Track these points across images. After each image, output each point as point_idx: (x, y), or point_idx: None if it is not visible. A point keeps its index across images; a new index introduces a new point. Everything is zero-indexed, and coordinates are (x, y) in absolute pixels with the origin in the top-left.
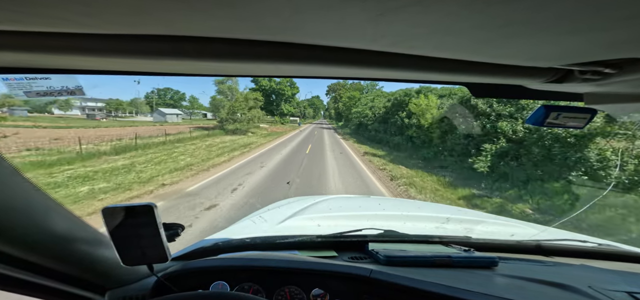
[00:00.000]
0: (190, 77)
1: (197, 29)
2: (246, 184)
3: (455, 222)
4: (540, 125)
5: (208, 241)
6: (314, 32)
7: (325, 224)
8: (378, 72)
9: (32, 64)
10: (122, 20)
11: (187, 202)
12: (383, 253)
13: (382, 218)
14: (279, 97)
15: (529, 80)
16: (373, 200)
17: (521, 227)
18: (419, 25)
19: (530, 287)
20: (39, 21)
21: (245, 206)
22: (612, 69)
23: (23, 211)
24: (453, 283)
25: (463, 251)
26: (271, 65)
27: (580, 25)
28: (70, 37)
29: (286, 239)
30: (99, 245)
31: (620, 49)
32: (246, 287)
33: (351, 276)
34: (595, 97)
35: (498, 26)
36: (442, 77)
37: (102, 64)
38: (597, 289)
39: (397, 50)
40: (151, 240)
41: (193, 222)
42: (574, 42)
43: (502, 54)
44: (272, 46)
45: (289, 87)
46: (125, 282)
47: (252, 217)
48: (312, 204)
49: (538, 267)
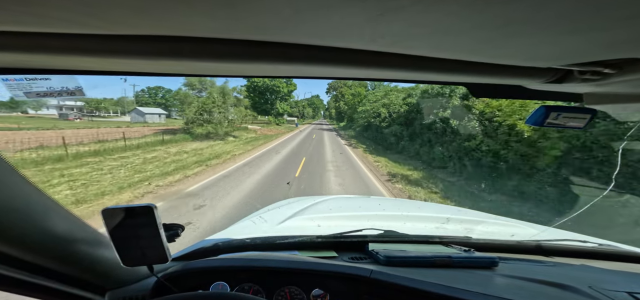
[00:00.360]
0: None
1: (197, 29)
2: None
3: (456, 222)
4: (540, 126)
5: (208, 241)
6: (314, 32)
7: (325, 224)
8: (377, 72)
9: (31, 65)
10: (122, 21)
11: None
12: (383, 253)
13: (382, 218)
14: (274, 95)
15: (528, 80)
16: (373, 200)
17: (521, 227)
18: (418, 25)
19: (530, 287)
20: (38, 22)
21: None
22: (612, 69)
23: (23, 211)
24: (453, 283)
25: (463, 251)
26: (271, 66)
27: (580, 26)
28: (70, 37)
29: (286, 240)
30: (99, 246)
31: (620, 49)
32: (246, 287)
33: (351, 276)
34: (594, 97)
35: (497, 26)
36: (441, 77)
37: (102, 64)
38: (598, 289)
39: (396, 50)
40: (151, 240)
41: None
42: (573, 43)
43: (502, 54)
44: (271, 46)
45: (284, 84)
46: (125, 282)
47: (252, 217)
48: (312, 204)
49: (538, 267)
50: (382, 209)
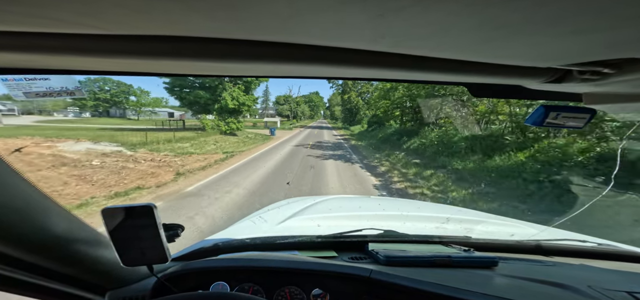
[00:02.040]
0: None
1: (196, 29)
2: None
3: (455, 222)
4: (540, 125)
5: (208, 242)
6: (314, 32)
7: (325, 224)
8: (377, 72)
9: (31, 65)
10: (122, 21)
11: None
12: (383, 253)
13: (382, 218)
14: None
15: (528, 80)
16: (373, 200)
17: (521, 227)
18: (418, 25)
19: (530, 287)
20: (37, 22)
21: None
22: (611, 69)
23: (22, 212)
24: (453, 283)
25: (463, 251)
26: (271, 66)
27: (579, 26)
28: (69, 37)
29: (286, 239)
30: (99, 246)
31: (619, 49)
32: (246, 287)
33: (351, 276)
34: (594, 97)
35: (497, 26)
36: (441, 77)
37: (102, 64)
38: (597, 289)
39: (396, 50)
40: (151, 240)
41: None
42: (573, 43)
43: (502, 54)
44: (271, 46)
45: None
46: (125, 282)
47: (252, 217)
48: (312, 204)
49: (538, 267)
50: (382, 209)
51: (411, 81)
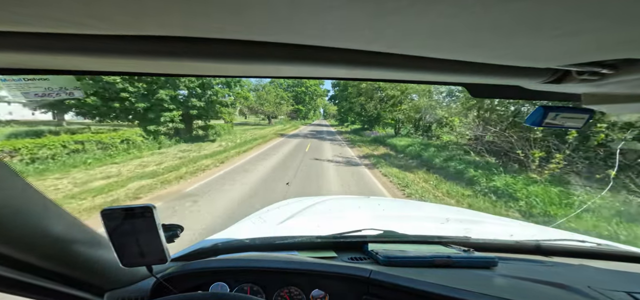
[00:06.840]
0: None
1: (196, 30)
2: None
3: (455, 223)
4: (539, 126)
5: (207, 242)
6: (312, 33)
7: (324, 224)
8: (376, 72)
9: (29, 65)
10: (121, 21)
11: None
12: (383, 253)
13: (382, 218)
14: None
15: (527, 80)
16: (373, 200)
17: (520, 227)
18: (417, 26)
19: (529, 287)
20: (36, 22)
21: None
22: (610, 69)
23: (22, 212)
24: (453, 283)
25: (462, 251)
26: (271, 66)
27: (579, 26)
28: (69, 37)
29: (286, 240)
30: (98, 247)
31: (618, 50)
32: (246, 288)
33: (351, 277)
34: (592, 98)
35: (496, 27)
36: (440, 77)
37: (102, 64)
38: (597, 289)
39: (395, 51)
40: (150, 241)
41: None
42: (571, 43)
43: (501, 55)
44: (271, 47)
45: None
46: (124, 283)
47: (252, 217)
48: (312, 205)
49: (537, 267)
50: (382, 209)
51: (411, 81)
